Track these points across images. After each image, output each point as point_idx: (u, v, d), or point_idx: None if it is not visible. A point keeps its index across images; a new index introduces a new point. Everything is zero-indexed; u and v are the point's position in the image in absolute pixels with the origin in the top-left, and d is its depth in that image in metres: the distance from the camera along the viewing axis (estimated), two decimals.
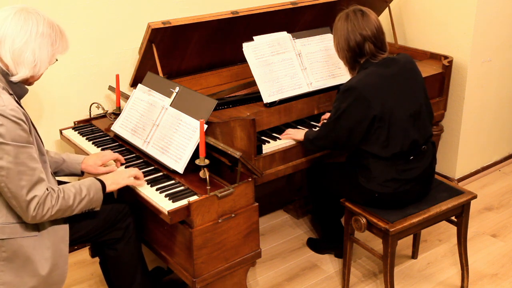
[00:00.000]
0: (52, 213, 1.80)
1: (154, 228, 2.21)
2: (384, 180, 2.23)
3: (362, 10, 2.21)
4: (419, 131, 2.23)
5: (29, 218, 1.77)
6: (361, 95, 2.13)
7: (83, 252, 2.86)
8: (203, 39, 2.70)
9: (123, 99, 2.68)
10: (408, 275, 2.67)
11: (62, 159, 2.18)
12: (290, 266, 2.77)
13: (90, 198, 1.91)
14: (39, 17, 1.81)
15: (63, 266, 1.91)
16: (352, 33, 2.18)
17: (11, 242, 1.80)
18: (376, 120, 2.15)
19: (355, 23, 2.17)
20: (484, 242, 2.91)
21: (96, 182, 1.96)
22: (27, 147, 1.73)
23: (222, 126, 2.24)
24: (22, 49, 1.78)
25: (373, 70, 2.18)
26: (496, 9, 3.18)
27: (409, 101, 2.21)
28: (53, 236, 1.89)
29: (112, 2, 2.75)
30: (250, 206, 2.10)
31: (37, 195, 1.75)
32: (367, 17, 2.19)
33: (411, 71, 2.27)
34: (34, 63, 1.80)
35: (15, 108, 1.71)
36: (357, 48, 2.19)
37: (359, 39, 2.17)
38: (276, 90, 2.54)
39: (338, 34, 2.23)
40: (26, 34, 1.78)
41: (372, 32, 2.17)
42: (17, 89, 1.84)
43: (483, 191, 3.43)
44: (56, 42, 1.86)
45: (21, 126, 1.71)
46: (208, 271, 2.05)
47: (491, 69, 3.33)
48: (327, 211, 2.68)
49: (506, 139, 3.71)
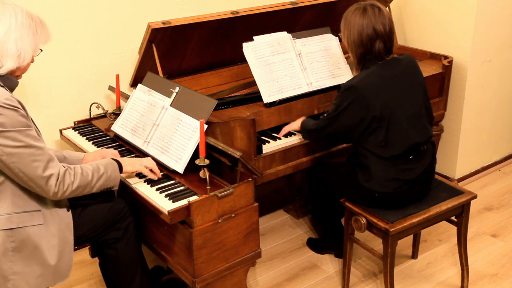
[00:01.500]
0: (73, 189, 1.85)
1: (154, 228, 2.21)
2: (384, 179, 2.23)
3: (379, 7, 2.16)
4: (418, 132, 2.23)
5: (51, 194, 1.81)
6: (361, 96, 2.13)
7: (83, 252, 2.86)
8: (203, 39, 2.70)
9: (123, 99, 2.68)
10: (408, 275, 2.67)
11: (63, 156, 2.19)
12: (290, 266, 2.77)
13: (108, 175, 1.96)
14: (16, 8, 1.83)
15: (69, 253, 1.94)
16: (367, 27, 2.13)
17: (19, 232, 1.82)
18: (375, 121, 2.15)
19: (371, 18, 2.12)
20: (484, 242, 2.91)
21: (113, 162, 2.02)
22: (28, 129, 1.77)
23: (222, 126, 2.24)
24: (3, 41, 1.79)
25: (375, 70, 2.18)
26: (496, 9, 3.18)
27: (410, 102, 2.21)
28: (58, 223, 1.92)
29: (112, 2, 2.75)
30: (250, 206, 2.10)
31: (53, 173, 1.79)
32: (383, 14, 2.14)
33: (413, 72, 2.26)
34: (18, 53, 1.81)
35: (9, 97, 1.75)
36: (368, 44, 2.15)
37: (372, 35, 2.13)
38: (276, 90, 2.54)
39: (351, 26, 2.17)
40: (5, 25, 1.79)
41: (385, 30, 2.13)
42: (7, 82, 1.86)
43: (483, 191, 3.43)
44: (37, 31, 1.87)
45: (19, 112, 1.75)
46: (208, 271, 2.05)
47: (491, 69, 3.33)
48: (327, 211, 2.68)
49: (506, 139, 3.71)
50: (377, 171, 2.23)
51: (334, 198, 2.48)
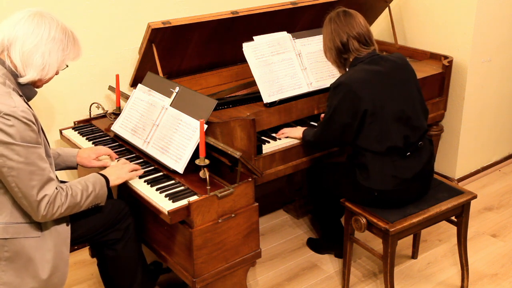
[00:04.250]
0: (62, 211, 1.83)
1: (154, 228, 2.21)
2: (382, 176, 2.23)
3: (345, 11, 2.30)
4: (412, 127, 2.24)
5: (40, 217, 1.78)
6: (350, 90, 2.17)
7: (83, 252, 2.86)
8: (203, 39, 2.70)
9: (123, 99, 2.68)
10: (408, 275, 2.67)
11: (57, 154, 2.20)
12: (290, 266, 2.77)
13: (96, 193, 1.94)
14: (52, 22, 1.83)
15: (64, 269, 1.92)
16: (335, 32, 2.27)
17: (13, 242, 1.80)
18: (367, 115, 2.18)
19: (338, 23, 2.27)
20: (484, 242, 2.91)
21: (100, 178, 1.99)
22: (36, 147, 1.75)
23: (222, 126, 2.24)
24: (31, 51, 1.79)
25: (362, 66, 2.24)
26: (496, 9, 3.18)
27: (401, 97, 2.24)
28: (56, 237, 1.89)
29: (112, 2, 2.75)
30: (250, 206, 2.10)
31: (47, 194, 1.77)
32: (349, 17, 2.27)
33: (403, 68, 2.30)
34: (43, 66, 1.82)
35: (26, 109, 1.73)
36: (341, 46, 2.27)
37: (342, 37, 2.25)
38: (276, 90, 2.54)
39: (324, 36, 2.35)
40: (37, 37, 1.80)
41: (354, 29, 2.24)
42: (26, 91, 1.86)
43: (483, 191, 3.43)
44: (67, 47, 1.88)
45: (31, 127, 1.73)
46: (208, 271, 2.05)
47: (491, 69, 3.33)
48: (327, 211, 2.68)
49: (506, 139, 3.71)
50: (375, 169, 2.24)
51: (334, 198, 2.49)
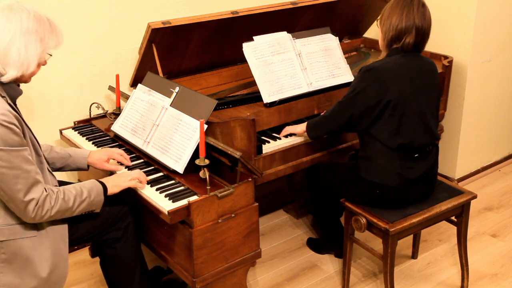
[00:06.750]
0: (52, 214, 1.80)
1: (154, 228, 2.21)
2: (386, 171, 2.22)
3: (424, 4, 2.23)
4: (427, 130, 2.24)
5: (28, 219, 1.77)
6: (380, 78, 2.15)
7: (83, 252, 2.86)
8: (203, 39, 2.70)
9: (123, 99, 2.68)
10: (408, 275, 2.67)
11: (68, 155, 2.17)
12: (290, 266, 2.77)
13: (90, 200, 1.91)
14: (23, 14, 1.74)
15: (63, 265, 1.91)
16: (406, 16, 2.18)
17: (10, 244, 1.79)
18: (389, 107, 2.16)
19: (414, 10, 2.18)
20: (484, 242, 2.91)
21: (97, 185, 1.96)
22: (20, 150, 1.71)
23: (222, 126, 2.24)
24: (6, 49, 1.72)
25: (398, 58, 2.21)
26: (496, 9, 3.18)
27: (425, 100, 2.23)
28: (52, 236, 1.88)
29: (112, 2, 2.75)
30: (250, 206, 2.10)
31: (34, 198, 1.74)
32: (425, 11, 2.21)
33: (432, 72, 2.29)
34: (21, 62, 1.75)
35: (6, 112, 1.68)
36: (402, 32, 2.19)
37: (408, 26, 2.18)
38: (276, 90, 2.54)
39: (393, 10, 2.22)
40: (10, 32, 1.72)
41: (422, 24, 2.18)
42: (10, 91, 1.80)
43: (483, 191, 3.43)
44: (45, 37, 1.78)
45: (13, 130, 1.68)
46: (208, 271, 2.05)
47: (491, 69, 3.33)
48: (326, 211, 2.68)
49: (506, 139, 3.71)
50: (380, 162, 2.22)
51: (334, 198, 2.48)
